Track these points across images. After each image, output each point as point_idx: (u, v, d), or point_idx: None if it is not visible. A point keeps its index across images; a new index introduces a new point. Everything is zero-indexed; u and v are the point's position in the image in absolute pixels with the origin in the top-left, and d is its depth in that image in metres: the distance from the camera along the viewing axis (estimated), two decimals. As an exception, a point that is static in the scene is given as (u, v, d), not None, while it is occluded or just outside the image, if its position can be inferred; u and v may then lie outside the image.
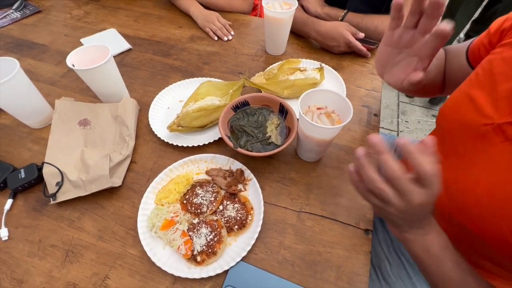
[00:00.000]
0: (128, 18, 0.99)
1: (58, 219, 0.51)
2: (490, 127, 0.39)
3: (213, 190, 0.53)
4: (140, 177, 0.57)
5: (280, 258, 0.47)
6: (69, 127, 0.60)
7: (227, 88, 0.66)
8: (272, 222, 0.51)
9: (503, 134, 0.38)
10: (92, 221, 0.51)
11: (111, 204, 0.53)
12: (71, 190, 0.52)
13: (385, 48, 0.45)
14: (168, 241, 0.47)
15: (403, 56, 0.43)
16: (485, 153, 0.40)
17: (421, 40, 0.39)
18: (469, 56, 0.52)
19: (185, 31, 0.93)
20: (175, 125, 0.61)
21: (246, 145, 0.55)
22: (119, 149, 0.58)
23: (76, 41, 0.88)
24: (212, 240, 0.46)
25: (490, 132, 0.39)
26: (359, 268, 0.46)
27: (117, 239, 0.49)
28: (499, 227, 0.37)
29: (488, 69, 0.43)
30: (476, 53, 0.51)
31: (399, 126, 1.81)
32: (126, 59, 0.83)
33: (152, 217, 0.49)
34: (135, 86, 0.75)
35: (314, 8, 0.86)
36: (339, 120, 0.52)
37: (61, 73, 0.79)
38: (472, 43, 0.52)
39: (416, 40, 0.39)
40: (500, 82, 0.40)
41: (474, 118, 0.42)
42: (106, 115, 0.62)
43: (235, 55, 0.85)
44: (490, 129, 0.39)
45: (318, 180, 0.56)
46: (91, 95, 0.70)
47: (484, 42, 0.49)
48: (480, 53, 0.50)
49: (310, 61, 0.79)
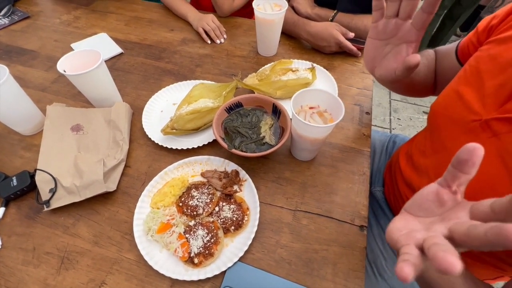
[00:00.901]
0: (119, 22, 0.98)
1: (52, 226, 0.51)
2: (478, 123, 0.40)
3: (209, 192, 0.53)
4: (135, 181, 0.57)
5: (277, 257, 0.47)
6: (61, 132, 0.60)
7: (220, 90, 0.67)
8: (268, 222, 0.51)
9: (490, 130, 0.38)
10: (87, 227, 0.51)
11: (106, 209, 0.53)
12: (65, 196, 0.51)
13: (372, 41, 0.45)
14: (164, 244, 0.47)
15: (390, 47, 0.43)
16: None
17: (404, 25, 0.39)
18: (459, 55, 0.53)
19: (176, 34, 0.93)
20: (169, 128, 0.61)
21: (240, 146, 0.55)
22: (113, 154, 0.57)
23: (66, 47, 0.88)
24: (209, 242, 0.46)
25: (478, 128, 0.40)
26: (355, 264, 0.46)
27: (113, 244, 0.49)
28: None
29: (475, 66, 0.44)
30: (465, 51, 0.51)
31: (391, 124, 1.83)
32: (118, 63, 0.83)
33: (148, 221, 0.49)
34: (127, 90, 0.74)
35: (304, 9, 0.87)
36: (331, 119, 0.53)
37: (51, 79, 0.78)
38: (461, 42, 0.53)
39: (400, 27, 0.40)
40: (487, 79, 0.41)
41: (463, 114, 0.43)
42: (99, 120, 0.62)
43: (227, 57, 0.85)
44: (478, 125, 0.40)
45: (313, 179, 0.57)
46: (83, 100, 0.70)
47: (473, 40, 0.50)
48: (469, 51, 0.50)
49: (301, 61, 0.79)
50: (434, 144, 0.49)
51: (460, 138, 0.43)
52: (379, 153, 0.78)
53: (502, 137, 0.37)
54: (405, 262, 0.21)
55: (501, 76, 0.39)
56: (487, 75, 0.41)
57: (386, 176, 0.70)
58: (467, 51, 0.51)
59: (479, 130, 0.40)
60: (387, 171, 0.70)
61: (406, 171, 0.57)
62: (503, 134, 0.37)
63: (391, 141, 0.80)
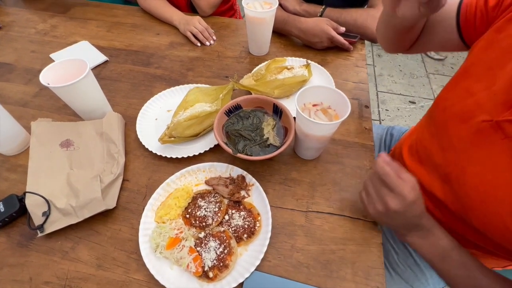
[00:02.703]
0: (100, 28, 0.94)
1: (49, 252, 0.47)
2: (489, 124, 0.38)
3: (216, 200, 0.51)
4: (136, 195, 0.53)
5: (294, 262, 0.46)
6: (50, 150, 0.55)
7: (217, 93, 0.64)
8: (281, 226, 0.49)
9: (503, 132, 0.36)
10: (89, 250, 0.47)
11: (107, 228, 0.49)
12: (60, 219, 0.47)
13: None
14: (175, 260, 0.44)
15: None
16: (484, 150, 0.39)
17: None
18: (461, 20, 0.46)
19: (163, 38, 0.89)
20: (166, 137, 0.58)
21: (244, 149, 0.53)
22: (109, 168, 0.54)
23: (45, 57, 0.82)
24: (222, 253, 0.44)
25: (489, 129, 0.38)
26: (373, 261, 0.46)
27: (118, 266, 0.45)
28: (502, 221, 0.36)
29: (486, 61, 0.40)
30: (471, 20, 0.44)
31: (380, 115, 1.87)
32: (104, 71, 0.79)
33: (155, 237, 0.46)
34: (117, 100, 0.71)
35: (293, 6, 0.86)
36: (336, 115, 0.52)
37: (32, 92, 0.72)
38: (463, 3, 0.45)
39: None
40: (499, 76, 0.38)
41: (473, 113, 0.40)
42: (90, 133, 0.58)
43: (219, 58, 0.82)
44: (489, 126, 0.38)
45: (321, 177, 0.56)
46: (70, 113, 0.65)
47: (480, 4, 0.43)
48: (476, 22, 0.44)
49: (295, 58, 0.78)
50: (442, 142, 0.46)
51: (469, 137, 0.41)
52: (377, 147, 0.78)
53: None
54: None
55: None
56: (500, 72, 0.38)
57: None
58: (472, 18, 0.44)
59: (490, 131, 0.38)
60: None
61: (412, 165, 0.55)
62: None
63: (388, 133, 0.80)
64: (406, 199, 0.37)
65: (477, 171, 0.40)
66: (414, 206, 0.38)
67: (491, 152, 0.38)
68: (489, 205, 0.38)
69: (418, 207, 0.39)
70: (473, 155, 0.40)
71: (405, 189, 0.37)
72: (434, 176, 0.48)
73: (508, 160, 0.36)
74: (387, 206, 0.39)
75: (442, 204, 0.47)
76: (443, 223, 0.45)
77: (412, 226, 0.43)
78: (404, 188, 0.37)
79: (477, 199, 0.39)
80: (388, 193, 0.39)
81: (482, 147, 0.39)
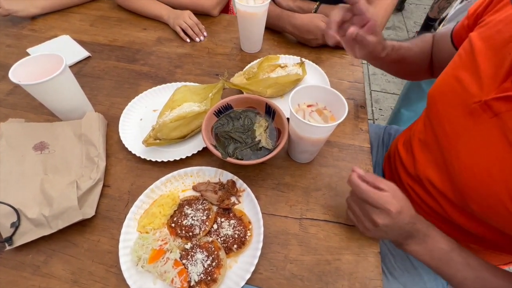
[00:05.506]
0: (83, 22, 0.88)
1: (18, 267, 0.42)
2: (477, 104, 0.40)
3: (204, 208, 0.47)
4: (117, 202, 0.50)
5: (288, 274, 0.43)
6: (21, 153, 0.51)
7: (206, 91, 0.61)
8: (273, 235, 0.46)
9: (491, 110, 0.38)
10: (63, 263, 0.43)
11: (84, 239, 0.45)
12: (31, 230, 0.43)
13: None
14: (159, 274, 0.40)
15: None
16: (475, 131, 0.41)
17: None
18: (453, 39, 0.54)
19: (150, 33, 0.85)
20: (151, 139, 0.54)
21: (235, 153, 0.50)
22: (87, 173, 0.50)
23: (22, 52, 0.77)
24: (210, 266, 0.41)
25: (478, 110, 0.40)
26: (371, 271, 0.43)
27: (96, 281, 0.41)
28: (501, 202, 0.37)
29: (470, 50, 0.44)
30: (459, 35, 0.53)
31: (374, 115, 1.86)
32: (86, 68, 0.74)
33: (137, 249, 0.42)
34: (99, 98, 0.66)
35: (286, 2, 0.83)
36: (332, 117, 0.49)
37: (6, 90, 0.67)
38: (455, 27, 0.54)
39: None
40: (482, 61, 0.41)
41: (462, 98, 0.43)
42: (68, 135, 0.54)
43: (209, 55, 0.79)
44: (477, 107, 0.40)
45: (315, 182, 0.53)
46: (47, 113, 0.60)
47: (465, 25, 0.51)
48: (462, 36, 0.51)
49: (289, 56, 0.75)
50: (435, 131, 0.49)
51: (460, 121, 0.43)
52: (375, 147, 0.77)
53: (502, 116, 0.37)
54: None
55: (495, 57, 0.40)
56: (482, 58, 0.41)
57: (386, 169, 0.68)
58: (460, 36, 0.52)
59: (479, 111, 0.40)
60: (386, 164, 0.69)
61: (407, 160, 0.56)
62: (504, 113, 0.37)
63: (386, 133, 0.79)
64: (391, 212, 0.37)
65: (470, 153, 0.41)
66: (401, 215, 0.38)
67: (482, 132, 0.40)
68: (486, 186, 0.39)
69: (406, 214, 0.39)
70: (465, 138, 0.42)
71: (387, 201, 0.37)
72: (431, 166, 0.49)
73: (498, 138, 0.37)
74: (375, 223, 0.39)
75: (442, 194, 0.47)
76: (445, 217, 0.45)
77: (407, 234, 0.42)
78: (385, 201, 0.37)
79: (473, 181, 0.40)
80: (372, 210, 0.39)
81: (473, 129, 0.41)
